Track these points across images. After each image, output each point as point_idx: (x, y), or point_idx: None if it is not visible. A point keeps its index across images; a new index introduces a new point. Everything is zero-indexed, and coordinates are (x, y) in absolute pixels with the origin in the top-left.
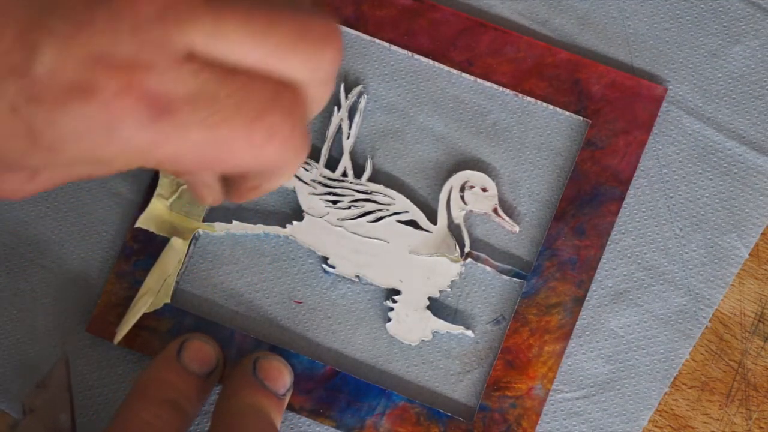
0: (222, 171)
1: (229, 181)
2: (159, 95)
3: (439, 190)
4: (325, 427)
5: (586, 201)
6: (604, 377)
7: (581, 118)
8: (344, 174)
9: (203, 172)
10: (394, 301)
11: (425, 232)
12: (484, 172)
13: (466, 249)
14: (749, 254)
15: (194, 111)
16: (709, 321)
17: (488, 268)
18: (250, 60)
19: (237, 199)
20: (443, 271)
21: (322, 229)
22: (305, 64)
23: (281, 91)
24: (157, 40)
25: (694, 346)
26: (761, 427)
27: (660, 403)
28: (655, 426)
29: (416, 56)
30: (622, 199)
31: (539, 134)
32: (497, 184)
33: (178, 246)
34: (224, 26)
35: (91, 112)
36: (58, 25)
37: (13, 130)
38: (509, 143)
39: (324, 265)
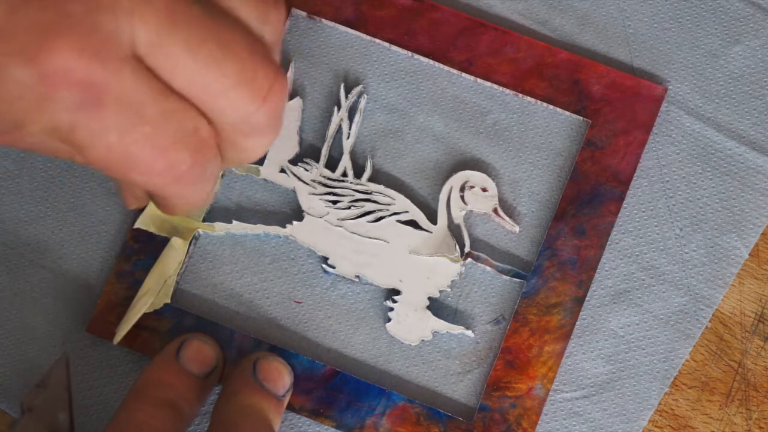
0: (114, 177)
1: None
2: (96, 84)
3: (439, 190)
4: (325, 427)
5: (586, 201)
6: (604, 377)
7: (581, 118)
8: (344, 174)
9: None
10: (394, 301)
11: (425, 232)
12: (484, 172)
13: (466, 249)
14: (749, 254)
15: (119, 115)
16: (709, 321)
17: (488, 268)
18: (185, 83)
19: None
20: (443, 271)
21: (322, 229)
22: (238, 110)
23: (199, 128)
24: (108, 26)
25: (694, 346)
26: (761, 427)
27: (660, 403)
28: (655, 426)
29: (416, 56)
30: (622, 199)
31: (539, 134)
32: (497, 184)
33: (178, 246)
34: (172, 39)
35: (28, 78)
36: None
37: None
38: (509, 143)
39: (324, 265)
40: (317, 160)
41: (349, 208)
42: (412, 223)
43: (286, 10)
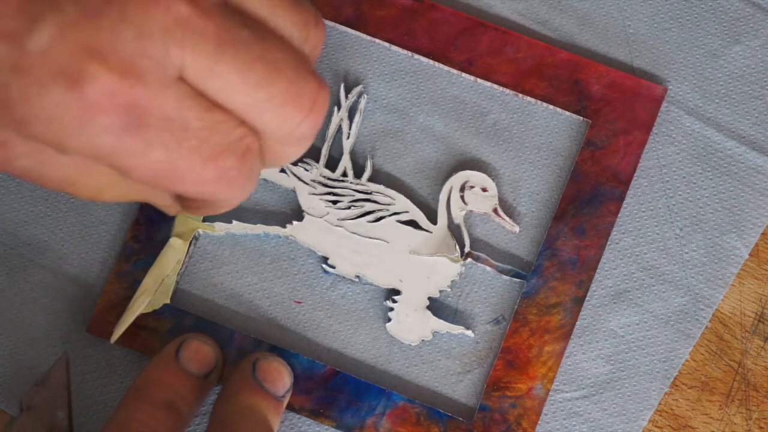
0: (162, 190)
1: (178, 198)
2: (138, 107)
3: (439, 190)
4: (325, 427)
5: (586, 201)
6: (604, 377)
7: (581, 118)
8: (344, 174)
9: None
10: (394, 301)
11: (425, 232)
12: (484, 172)
13: (466, 249)
14: (749, 254)
15: (164, 133)
16: (709, 321)
17: (488, 268)
18: (233, 104)
19: (189, 212)
20: (443, 271)
21: (322, 229)
22: (284, 124)
23: (244, 137)
24: (156, 53)
25: (694, 346)
26: (761, 427)
27: (660, 403)
28: (655, 426)
29: (416, 56)
30: (622, 199)
31: (539, 134)
32: (497, 184)
33: (177, 246)
34: (223, 64)
35: (69, 101)
36: (66, 6)
37: None
38: (509, 143)
39: (324, 265)
40: (317, 160)
41: (349, 208)
42: (412, 223)
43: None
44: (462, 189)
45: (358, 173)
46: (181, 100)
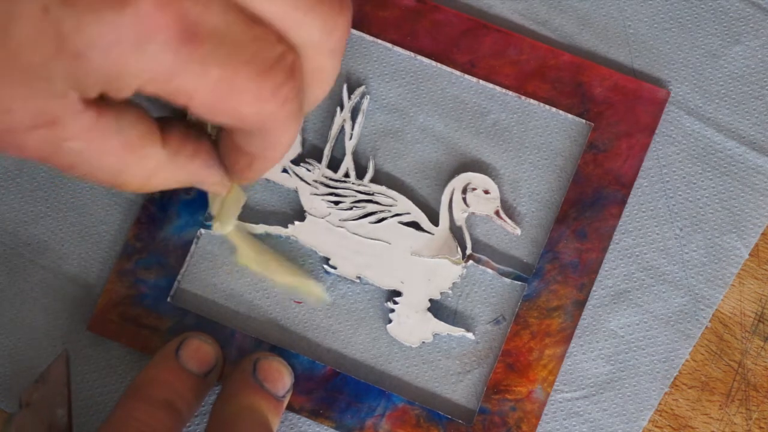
0: (225, 121)
1: (228, 159)
2: (191, 20)
3: (440, 191)
4: (325, 427)
5: (588, 204)
6: (604, 377)
7: (584, 120)
8: (346, 175)
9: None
10: (395, 303)
11: (427, 234)
12: (485, 174)
13: (468, 251)
14: (749, 254)
15: (218, 47)
16: (709, 321)
17: (489, 271)
18: (271, 12)
19: (237, 179)
20: (444, 272)
21: (323, 230)
22: (321, 27)
23: (288, 53)
24: None
25: (694, 346)
26: (761, 427)
27: (660, 403)
28: (655, 426)
29: (419, 57)
30: (625, 202)
31: (541, 136)
32: (499, 186)
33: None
34: None
35: (123, 23)
36: None
37: (42, 31)
38: (511, 145)
39: (325, 266)
40: (319, 161)
41: (351, 208)
42: (414, 225)
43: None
44: (464, 191)
45: (360, 174)
46: (224, 11)
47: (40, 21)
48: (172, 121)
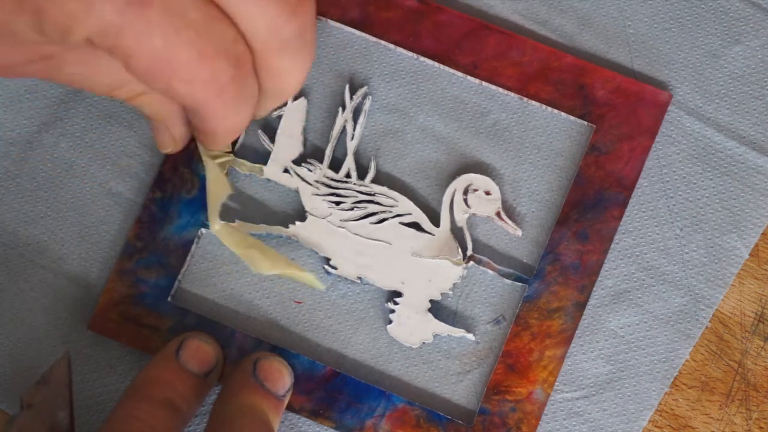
0: (158, 91)
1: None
2: None
3: (441, 192)
4: (325, 427)
5: (590, 206)
6: (604, 377)
7: (586, 122)
8: (348, 175)
9: (164, 109)
10: (396, 303)
11: (428, 235)
12: (486, 175)
13: (469, 252)
14: (749, 254)
15: (163, 17)
16: (709, 321)
17: (490, 272)
18: None
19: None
20: (445, 273)
21: (324, 230)
22: (271, 18)
23: (237, 42)
24: None
25: (694, 346)
26: (761, 427)
27: (660, 403)
28: (655, 426)
29: (422, 58)
30: (626, 204)
31: (543, 138)
32: (500, 187)
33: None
34: None
35: None
36: None
37: None
38: (512, 146)
39: (326, 266)
40: (321, 161)
41: (352, 209)
42: (415, 226)
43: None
44: (465, 192)
45: (362, 174)
46: None
47: None
48: None
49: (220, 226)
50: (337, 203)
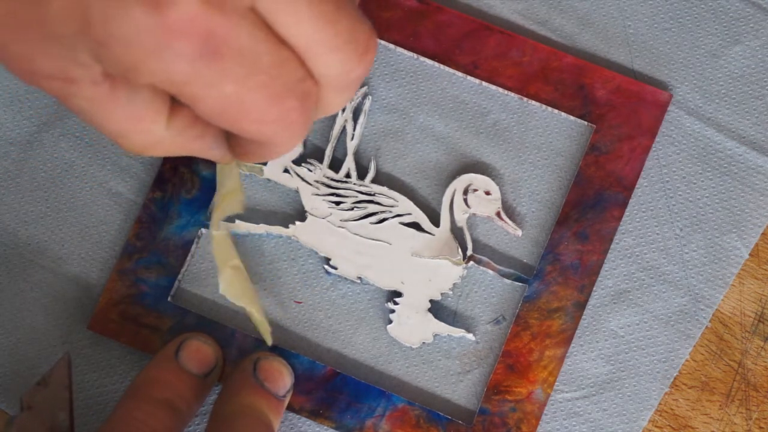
0: (224, 127)
1: (231, 141)
2: (216, 36)
3: (441, 192)
4: (325, 427)
5: (590, 206)
6: (604, 377)
7: (586, 122)
8: (348, 175)
9: (209, 132)
10: (396, 303)
11: (428, 235)
12: (486, 175)
13: (469, 252)
14: (749, 254)
15: (237, 65)
16: (709, 321)
17: (490, 272)
18: (300, 38)
19: (235, 157)
20: (445, 273)
21: (324, 230)
22: (342, 65)
23: (306, 80)
24: None
25: (694, 346)
26: (761, 427)
27: (660, 403)
28: (655, 426)
29: (422, 58)
30: (626, 204)
31: (543, 137)
32: (500, 187)
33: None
34: None
35: (150, 24)
36: None
37: (70, 10)
38: (512, 146)
39: (326, 266)
40: (321, 161)
41: (352, 209)
42: (415, 226)
43: None
44: (465, 192)
45: (362, 174)
46: (254, 31)
47: (70, 1)
48: None
49: (219, 233)
50: (337, 203)
